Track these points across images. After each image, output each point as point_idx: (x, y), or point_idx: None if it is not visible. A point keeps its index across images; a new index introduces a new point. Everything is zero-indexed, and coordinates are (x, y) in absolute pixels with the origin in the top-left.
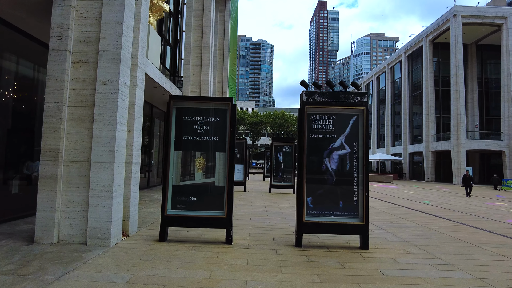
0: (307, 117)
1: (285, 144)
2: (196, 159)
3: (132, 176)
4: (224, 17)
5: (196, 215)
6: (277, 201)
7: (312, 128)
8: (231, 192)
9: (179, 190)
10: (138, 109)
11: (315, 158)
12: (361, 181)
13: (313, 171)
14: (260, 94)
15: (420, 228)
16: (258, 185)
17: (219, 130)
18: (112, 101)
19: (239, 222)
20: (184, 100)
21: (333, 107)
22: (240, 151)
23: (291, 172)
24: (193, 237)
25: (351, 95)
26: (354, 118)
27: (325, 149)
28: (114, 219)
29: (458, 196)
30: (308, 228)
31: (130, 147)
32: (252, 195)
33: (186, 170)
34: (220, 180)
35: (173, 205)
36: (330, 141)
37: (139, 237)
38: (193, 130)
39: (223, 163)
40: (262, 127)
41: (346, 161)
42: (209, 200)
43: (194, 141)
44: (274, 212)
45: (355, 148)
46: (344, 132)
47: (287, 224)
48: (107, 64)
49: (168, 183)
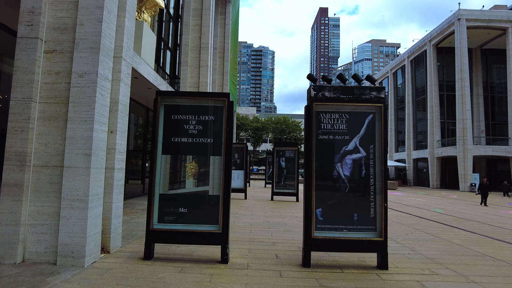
0: (316, 116)
1: (287, 149)
2: (187, 164)
3: (114, 184)
4: (225, 19)
5: (186, 230)
6: (279, 210)
7: (321, 128)
8: (227, 202)
9: (167, 200)
10: (123, 108)
11: (325, 162)
12: (379, 190)
13: (323, 178)
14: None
15: (440, 242)
16: (259, 192)
17: (214, 131)
18: (89, 96)
19: (237, 235)
20: (174, 96)
21: (345, 103)
22: (241, 156)
23: (294, 178)
24: (183, 254)
25: (367, 90)
26: (370, 116)
27: (337, 152)
28: (90, 234)
29: (469, 204)
30: (317, 245)
31: (112, 150)
32: (253, 203)
33: (176, 177)
34: (215, 188)
35: (160, 218)
36: (342, 143)
37: (121, 254)
38: (184, 131)
39: (219, 169)
40: (263, 133)
41: (361, 167)
42: (202, 212)
43: (185, 143)
44: (276, 223)
45: (371, 152)
46: (359, 133)
47: (291, 238)
48: (84, 54)
49: (154, 192)
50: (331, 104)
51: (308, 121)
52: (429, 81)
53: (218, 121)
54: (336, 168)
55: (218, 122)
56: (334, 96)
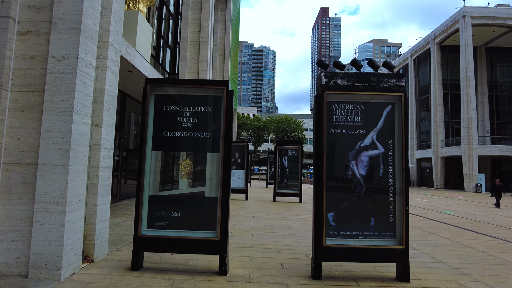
0: (327, 107)
1: (290, 148)
2: (180, 161)
3: (99, 184)
4: (225, 16)
5: (179, 237)
6: (282, 211)
7: (333, 121)
8: (226, 205)
9: (158, 203)
10: (110, 99)
11: (338, 160)
12: (399, 191)
13: (336, 177)
14: (262, 100)
15: (460, 248)
16: (261, 193)
17: (212, 124)
18: (68, 84)
19: (238, 240)
20: (166, 85)
21: (361, 93)
22: (242, 155)
23: (297, 178)
24: (177, 264)
25: (385, 78)
26: (388, 107)
27: (351, 148)
28: (68, 241)
29: (480, 205)
30: (329, 254)
31: (96, 146)
32: (254, 204)
33: (167, 176)
34: (212, 189)
35: (149, 223)
36: (357, 138)
37: (106, 264)
38: (177, 124)
39: (216, 167)
40: (265, 132)
41: (378, 165)
42: (198, 217)
43: (178, 138)
44: (280, 226)
45: (390, 148)
46: (376, 127)
47: (297, 244)
48: (63, 36)
49: (143, 194)
50: (344, 94)
51: (318, 112)
52: (432, 80)
53: (216, 113)
54: (351, 167)
55: (216, 114)
56: (348, 84)
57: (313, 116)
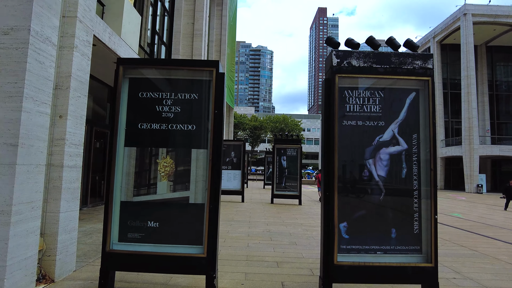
0: (339, 93)
1: (289, 147)
2: (159, 160)
3: (63, 187)
4: (222, 11)
5: (158, 253)
6: (281, 215)
7: (346, 111)
8: (215, 213)
9: (132, 211)
10: (78, 85)
11: (352, 158)
12: (425, 196)
13: (349, 179)
14: (259, 100)
15: (485, 259)
16: (258, 194)
17: (198, 114)
18: (17, 62)
19: (231, 250)
20: (142, 66)
21: (380, 76)
22: (238, 154)
23: (296, 179)
24: (156, 283)
25: (409, 58)
26: (412, 95)
27: (368, 144)
28: (15, 260)
29: (486, 207)
30: (342, 274)
31: (60, 141)
32: (251, 206)
33: (143, 178)
34: (198, 194)
35: (121, 235)
36: (375, 131)
37: (70, 284)
38: (155, 114)
39: (203, 167)
40: (262, 132)
41: (400, 164)
42: (180, 228)
43: (156, 132)
44: (279, 233)
45: (414, 143)
46: (397, 118)
47: (299, 254)
48: (10, 2)
49: (113, 199)
50: (360, 77)
51: (328, 100)
52: None
53: (203, 100)
54: (367, 166)
55: (203, 101)
56: (365, 66)
57: (321, 105)
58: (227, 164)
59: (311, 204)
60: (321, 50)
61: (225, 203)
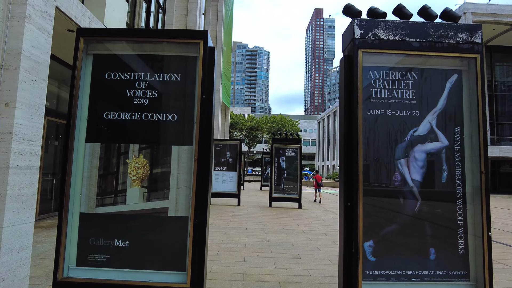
0: (364, 74)
1: (288, 146)
2: (130, 160)
3: (8, 194)
4: (217, 6)
5: (127, 282)
6: (280, 220)
7: (371, 97)
8: (201, 230)
9: (94, 226)
10: (32, 66)
11: (379, 158)
12: (472, 205)
13: (375, 185)
14: (256, 101)
15: None
16: (255, 196)
17: (180, 100)
18: None
19: (225, 266)
20: (110, 38)
21: (415, 53)
22: (234, 155)
23: (295, 181)
24: None
25: (451, 30)
26: (453, 78)
27: (399, 139)
28: None
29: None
30: None
31: (5, 135)
32: (248, 211)
33: (110, 183)
34: (180, 204)
35: (80, 258)
36: (408, 123)
37: None
38: (125, 101)
39: (187, 169)
40: (259, 133)
41: (440, 165)
42: (156, 248)
43: (127, 123)
44: (279, 243)
45: (457, 139)
46: (436, 107)
47: (305, 272)
48: None
49: (70, 211)
50: (390, 54)
51: (349, 83)
52: None
53: (187, 82)
54: (399, 168)
55: (187, 84)
56: (396, 39)
57: (339, 88)
58: (223, 165)
59: (312, 207)
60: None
61: (220, 207)
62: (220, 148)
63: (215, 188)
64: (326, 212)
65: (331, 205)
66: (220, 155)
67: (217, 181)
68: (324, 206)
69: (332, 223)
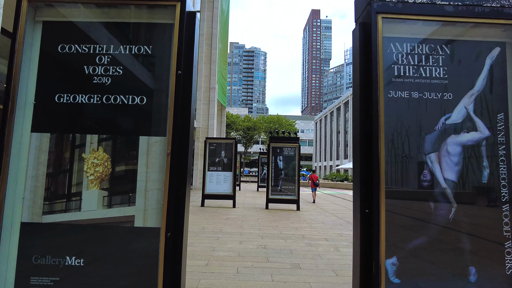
0: (384, 47)
1: (286, 145)
2: (87, 155)
3: None
4: (213, 3)
5: None
6: (278, 224)
7: (394, 75)
8: (175, 245)
9: (40, 239)
10: None
11: (404, 152)
12: None
13: (399, 186)
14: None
15: None
16: (251, 198)
17: (150, 79)
18: None
19: (215, 280)
20: (64, 1)
21: (448, 19)
22: (229, 154)
23: (294, 181)
24: None
25: None
26: (495, 52)
27: (428, 129)
28: None
29: None
30: None
31: None
32: (243, 213)
33: (60, 184)
34: (150, 212)
35: (19, 281)
36: (439, 109)
37: None
38: (83, 79)
39: (159, 166)
40: (256, 133)
41: (480, 161)
42: (119, 269)
43: (84, 108)
44: (277, 250)
45: (500, 128)
46: (473, 88)
47: (307, 285)
48: None
49: (3, 220)
50: (416, 20)
51: (365, 58)
52: None
53: (161, 56)
54: (428, 165)
55: (161, 59)
56: (424, 2)
57: (353, 66)
58: (217, 165)
59: (310, 209)
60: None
61: (214, 209)
62: (215, 147)
63: (209, 190)
64: (326, 215)
65: (330, 207)
66: (215, 154)
67: (212, 182)
68: (323, 208)
69: (332, 227)
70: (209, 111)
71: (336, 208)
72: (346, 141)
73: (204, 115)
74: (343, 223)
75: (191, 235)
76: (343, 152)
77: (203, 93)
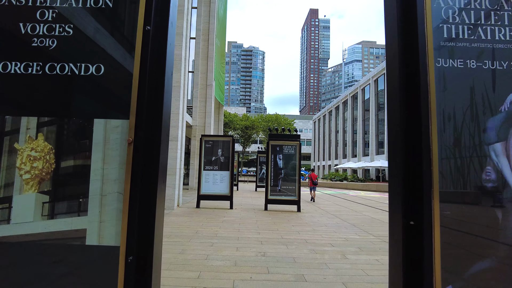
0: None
1: (286, 143)
2: (20, 146)
3: None
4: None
5: None
6: (278, 227)
7: (443, 38)
8: (144, 273)
9: None
10: None
11: (458, 141)
12: None
13: (454, 189)
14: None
15: None
16: (249, 198)
17: (109, 41)
18: None
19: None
20: None
21: None
22: (226, 153)
23: (294, 181)
24: None
25: None
26: None
27: (490, 110)
28: None
29: None
30: None
31: None
32: (241, 215)
33: None
34: (108, 224)
35: None
36: (505, 83)
37: None
38: (18, 42)
39: (119, 161)
40: (254, 132)
41: None
42: None
43: (18, 81)
44: (278, 258)
45: None
46: None
47: None
48: None
49: None
50: None
51: (405, 12)
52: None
53: (125, 11)
54: (492, 159)
55: (125, 14)
56: None
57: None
58: (213, 164)
59: (311, 210)
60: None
61: (210, 211)
62: (211, 145)
63: (205, 190)
64: (328, 216)
65: (332, 208)
66: (212, 153)
67: (208, 181)
68: (325, 209)
69: (337, 230)
70: (206, 109)
71: (338, 209)
72: (345, 140)
73: (200, 112)
74: (347, 225)
75: (183, 240)
76: (341, 151)
77: (199, 90)
